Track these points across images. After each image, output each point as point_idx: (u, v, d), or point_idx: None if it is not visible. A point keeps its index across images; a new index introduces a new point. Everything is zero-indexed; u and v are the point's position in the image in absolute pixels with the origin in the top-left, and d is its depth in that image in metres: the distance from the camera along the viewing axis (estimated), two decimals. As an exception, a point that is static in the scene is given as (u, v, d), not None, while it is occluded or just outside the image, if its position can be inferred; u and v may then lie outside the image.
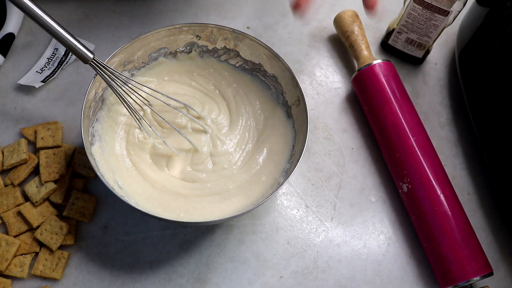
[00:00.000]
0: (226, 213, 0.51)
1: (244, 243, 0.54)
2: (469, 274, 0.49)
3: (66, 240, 0.52)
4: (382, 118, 0.57)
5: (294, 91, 0.54)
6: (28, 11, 0.45)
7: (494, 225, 0.57)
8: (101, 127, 0.53)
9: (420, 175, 0.53)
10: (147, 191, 0.52)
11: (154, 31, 0.54)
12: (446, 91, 0.66)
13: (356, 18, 0.64)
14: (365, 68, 0.59)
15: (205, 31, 0.56)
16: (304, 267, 0.53)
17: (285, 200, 0.57)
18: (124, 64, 0.55)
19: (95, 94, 0.52)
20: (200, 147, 0.55)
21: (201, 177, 0.53)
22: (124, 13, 0.67)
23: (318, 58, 0.67)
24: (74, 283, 0.51)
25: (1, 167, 0.55)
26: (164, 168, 0.54)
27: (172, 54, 0.58)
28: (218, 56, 0.59)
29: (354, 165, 0.59)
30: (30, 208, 0.52)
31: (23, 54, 0.63)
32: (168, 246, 0.53)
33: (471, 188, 0.59)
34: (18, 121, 0.59)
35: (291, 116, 0.56)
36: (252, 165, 0.54)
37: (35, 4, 0.46)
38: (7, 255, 0.50)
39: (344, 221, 0.56)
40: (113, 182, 0.50)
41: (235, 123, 0.57)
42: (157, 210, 0.50)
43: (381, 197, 0.58)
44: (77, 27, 0.66)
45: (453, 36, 0.68)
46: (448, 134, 0.62)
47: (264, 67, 0.57)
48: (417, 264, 0.54)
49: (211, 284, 0.52)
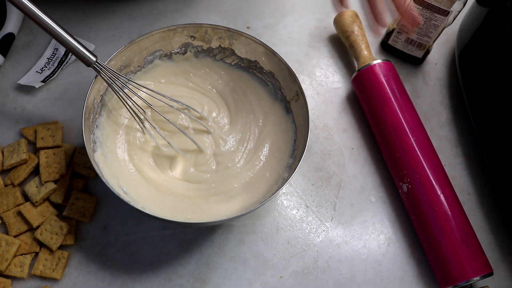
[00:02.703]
0: (233, 212, 0.51)
1: (244, 243, 0.54)
2: (469, 274, 0.49)
3: (66, 240, 0.52)
4: (382, 118, 0.57)
5: (293, 86, 0.54)
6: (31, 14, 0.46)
7: (494, 225, 0.57)
8: (102, 133, 0.53)
9: (420, 175, 0.53)
10: (152, 195, 0.52)
11: (148, 33, 0.54)
12: (446, 91, 0.66)
13: (356, 18, 0.64)
14: (365, 68, 0.60)
15: (200, 31, 0.56)
16: (304, 267, 0.53)
17: (285, 200, 0.57)
18: (120, 69, 0.55)
19: (94, 100, 0.52)
20: (205, 148, 0.55)
21: (206, 177, 0.53)
22: (124, 13, 0.67)
23: (318, 58, 0.67)
24: (74, 283, 0.51)
25: (1, 167, 0.55)
26: (167, 171, 0.54)
27: (167, 56, 0.58)
28: (214, 56, 0.59)
29: (354, 165, 0.59)
30: (30, 208, 0.52)
31: (23, 54, 0.63)
32: (168, 246, 0.53)
33: (471, 188, 0.59)
34: (18, 121, 0.59)
35: (290, 112, 0.56)
36: (255, 162, 0.55)
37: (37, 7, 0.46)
38: (7, 255, 0.50)
39: (344, 221, 0.56)
40: (118, 188, 0.50)
41: (235, 121, 0.57)
42: (163, 213, 0.50)
43: (381, 197, 0.58)
44: (77, 27, 0.66)
45: (453, 36, 0.68)
46: (448, 134, 0.62)
47: (260, 64, 0.57)
48: (417, 264, 0.54)
49: (211, 284, 0.52)
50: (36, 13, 0.46)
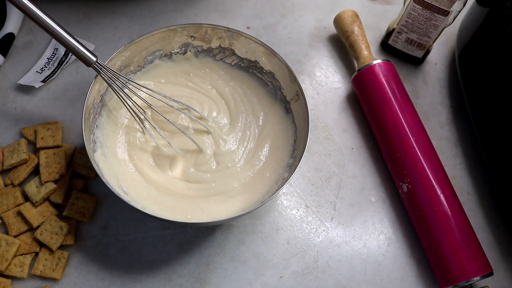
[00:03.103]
0: (233, 212, 0.51)
1: (244, 243, 0.54)
2: (469, 274, 0.49)
3: (66, 240, 0.52)
4: (382, 118, 0.57)
5: (293, 86, 0.54)
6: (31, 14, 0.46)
7: (494, 225, 0.57)
8: (102, 133, 0.53)
9: (420, 175, 0.53)
10: (152, 195, 0.52)
11: (148, 34, 0.54)
12: (446, 91, 0.66)
13: (356, 18, 0.64)
14: (365, 68, 0.60)
15: (200, 31, 0.56)
16: (304, 267, 0.53)
17: (285, 200, 0.57)
18: (120, 69, 0.55)
19: (94, 100, 0.52)
20: (205, 148, 0.55)
21: (206, 177, 0.53)
22: (124, 13, 0.67)
23: (318, 58, 0.67)
24: (74, 283, 0.51)
25: (1, 167, 0.55)
26: (167, 171, 0.54)
27: (167, 56, 0.58)
28: (214, 56, 0.59)
29: (354, 165, 0.59)
30: (30, 208, 0.52)
31: (23, 54, 0.63)
32: (168, 246, 0.53)
33: (471, 188, 0.59)
34: (18, 121, 0.59)
35: (290, 112, 0.56)
36: (255, 162, 0.55)
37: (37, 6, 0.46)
38: (7, 255, 0.50)
39: (344, 221, 0.56)
40: (118, 188, 0.50)
41: (235, 121, 0.57)
42: (163, 213, 0.50)
43: (381, 197, 0.58)
44: (77, 27, 0.66)
45: (453, 36, 0.68)
46: (448, 134, 0.62)
47: (260, 64, 0.57)
48: (417, 264, 0.54)
49: (211, 284, 0.52)
50: (36, 13, 0.46)
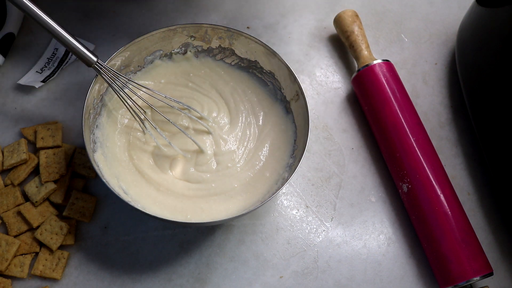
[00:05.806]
0: (233, 212, 0.51)
1: (244, 243, 0.54)
2: (469, 274, 0.49)
3: (66, 240, 0.52)
4: (382, 118, 0.57)
5: (293, 86, 0.54)
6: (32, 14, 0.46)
7: (494, 225, 0.57)
8: (102, 133, 0.53)
9: (420, 175, 0.53)
10: (152, 195, 0.52)
11: (148, 34, 0.54)
12: (446, 91, 0.66)
13: (356, 18, 0.64)
14: (365, 68, 0.60)
15: (200, 31, 0.56)
16: (304, 267, 0.53)
17: (285, 200, 0.57)
18: (120, 69, 0.55)
19: (94, 100, 0.52)
20: (205, 148, 0.55)
21: (206, 177, 0.53)
22: (124, 13, 0.67)
23: (318, 58, 0.67)
24: (74, 283, 0.51)
25: (1, 167, 0.55)
26: (167, 171, 0.54)
27: (167, 56, 0.58)
28: (214, 56, 0.59)
29: (354, 165, 0.59)
30: (30, 208, 0.52)
31: (23, 54, 0.63)
32: (168, 246, 0.53)
33: (471, 188, 0.59)
34: (18, 121, 0.59)
35: (290, 112, 0.56)
36: (255, 162, 0.55)
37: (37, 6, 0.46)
38: (7, 255, 0.50)
39: (344, 221, 0.56)
40: (118, 188, 0.50)
41: (235, 121, 0.57)
42: (163, 213, 0.50)
43: (381, 197, 0.58)
44: (77, 27, 0.65)
45: (453, 36, 0.68)
46: (448, 134, 0.62)
47: (260, 64, 0.57)
48: (417, 264, 0.54)
49: (211, 284, 0.52)
50: (36, 13, 0.46)
